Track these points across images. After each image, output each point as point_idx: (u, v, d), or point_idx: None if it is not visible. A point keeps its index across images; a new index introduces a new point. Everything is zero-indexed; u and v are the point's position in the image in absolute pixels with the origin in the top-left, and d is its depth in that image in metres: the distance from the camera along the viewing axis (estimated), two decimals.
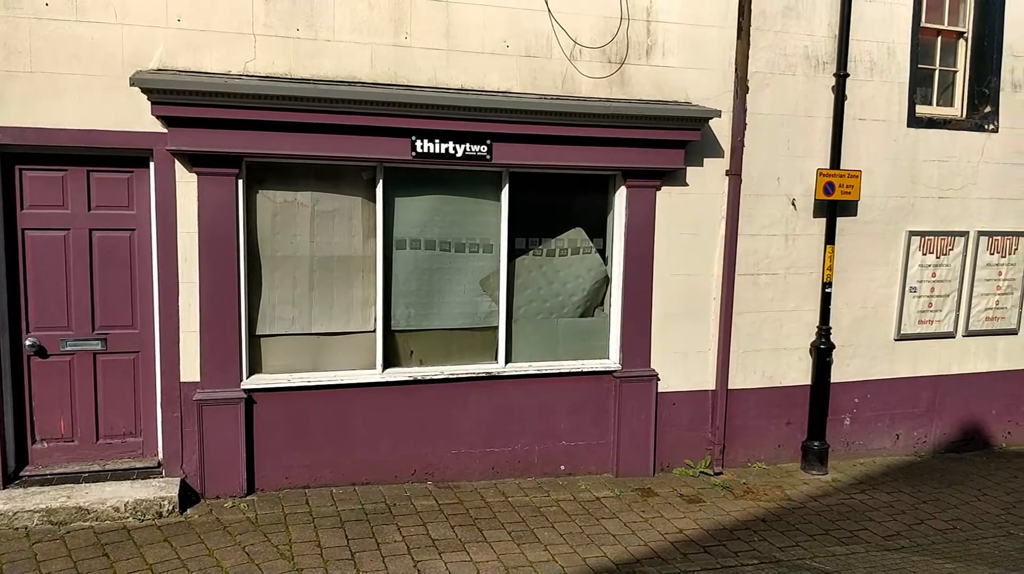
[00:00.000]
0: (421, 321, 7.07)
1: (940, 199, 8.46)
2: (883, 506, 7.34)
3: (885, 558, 6.24)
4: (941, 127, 8.42)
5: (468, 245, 7.13)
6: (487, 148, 6.72)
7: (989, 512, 7.33)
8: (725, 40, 7.47)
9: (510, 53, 6.90)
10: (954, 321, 8.72)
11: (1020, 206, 8.83)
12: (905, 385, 8.65)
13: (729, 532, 6.57)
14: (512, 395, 7.27)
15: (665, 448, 7.79)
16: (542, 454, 7.44)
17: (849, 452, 8.54)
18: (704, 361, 7.85)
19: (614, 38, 7.13)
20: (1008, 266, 8.85)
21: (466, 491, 7.04)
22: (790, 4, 7.64)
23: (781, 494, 7.50)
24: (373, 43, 6.59)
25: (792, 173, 7.89)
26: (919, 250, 8.44)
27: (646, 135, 7.06)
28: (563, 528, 6.43)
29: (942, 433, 8.94)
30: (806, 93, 7.81)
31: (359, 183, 6.80)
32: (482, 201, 7.12)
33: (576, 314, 7.59)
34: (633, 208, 7.39)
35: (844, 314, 8.27)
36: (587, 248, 7.56)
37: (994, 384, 9.03)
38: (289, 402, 6.72)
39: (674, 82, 7.37)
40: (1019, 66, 8.60)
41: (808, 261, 8.06)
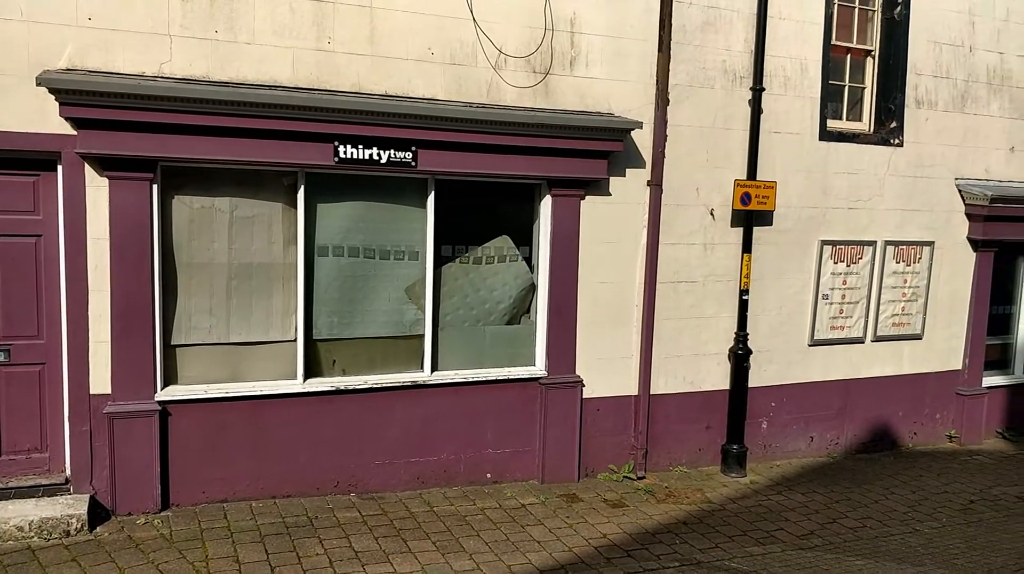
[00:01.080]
0: (344, 330, 6.97)
1: (850, 210, 8.83)
2: (798, 506, 7.58)
3: (800, 557, 6.45)
4: (851, 141, 8.79)
5: (393, 252, 7.07)
6: (412, 155, 6.69)
7: (896, 510, 7.66)
8: (647, 53, 7.64)
9: (435, 60, 6.89)
10: (863, 327, 9.10)
11: (924, 217, 9.29)
12: (818, 389, 8.97)
13: (651, 535, 6.68)
14: (438, 404, 7.23)
15: (590, 454, 7.88)
16: (468, 463, 7.41)
17: (766, 454, 8.80)
18: (627, 367, 7.97)
19: (538, 48, 7.20)
20: (913, 274, 9.30)
21: (390, 502, 6.96)
22: (709, 19, 7.86)
23: (702, 497, 7.67)
24: (295, 47, 6.48)
25: (711, 184, 8.10)
26: (831, 259, 8.78)
27: (570, 145, 7.15)
28: (489, 536, 6.42)
29: (853, 435, 9.30)
30: (724, 106, 8.05)
31: (280, 189, 6.67)
32: (408, 208, 7.07)
33: (503, 322, 7.61)
34: (559, 217, 7.46)
35: (761, 320, 8.53)
36: (514, 256, 7.59)
37: (900, 387, 9.45)
38: (206, 414, 6.52)
39: (597, 93, 7.48)
40: (922, 84, 9.06)
41: (726, 269, 8.29)
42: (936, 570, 6.25)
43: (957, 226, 9.49)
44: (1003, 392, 10.18)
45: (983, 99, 9.45)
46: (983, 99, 9.45)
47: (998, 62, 9.48)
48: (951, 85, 9.23)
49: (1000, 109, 9.58)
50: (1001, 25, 9.42)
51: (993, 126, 9.56)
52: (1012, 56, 9.56)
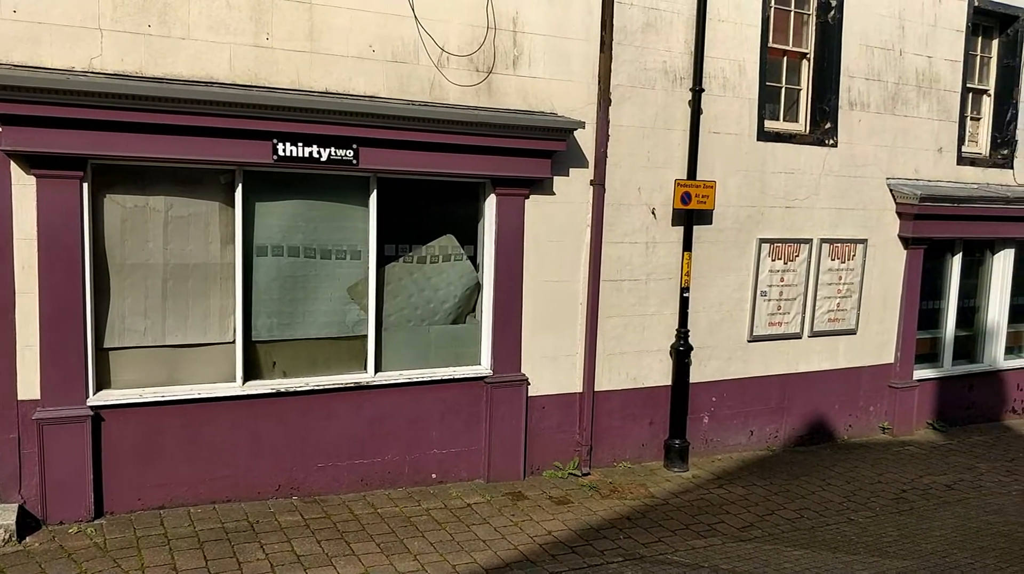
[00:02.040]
0: (285, 331, 6.86)
1: (787, 208, 9.04)
2: (739, 499, 7.74)
3: (740, 549, 6.58)
4: (787, 141, 9.00)
5: (335, 251, 6.98)
6: (353, 153, 6.61)
7: (832, 500, 7.88)
8: (589, 53, 7.69)
9: (377, 58, 6.82)
10: (800, 323, 9.34)
11: (857, 216, 9.56)
12: (758, 384, 9.17)
13: (596, 531, 6.74)
14: (382, 405, 7.17)
15: (535, 451, 7.91)
16: (413, 463, 7.37)
17: (708, 449, 8.96)
18: (572, 365, 8.03)
19: (481, 47, 7.19)
20: (847, 271, 9.57)
21: (334, 504, 6.88)
22: (650, 20, 7.96)
23: (645, 492, 7.76)
24: (232, 43, 6.34)
25: (652, 183, 8.21)
26: (769, 256, 8.98)
27: (514, 144, 7.16)
28: (433, 537, 6.40)
29: (791, 428, 9.54)
30: (665, 106, 8.16)
31: (217, 187, 6.53)
32: (349, 207, 6.99)
33: (448, 321, 7.58)
34: (503, 216, 7.47)
35: (701, 317, 8.68)
36: (458, 255, 7.57)
37: (836, 381, 9.73)
38: (142, 419, 6.34)
39: (540, 93, 7.51)
40: (855, 86, 9.32)
41: (668, 267, 8.41)
42: (869, 558, 6.45)
43: (889, 224, 9.80)
44: (933, 384, 10.55)
45: (913, 101, 9.78)
46: (913, 101, 9.78)
47: (927, 65, 9.82)
48: (882, 87, 9.52)
49: (929, 111, 9.92)
50: (929, 30, 9.76)
51: (922, 127, 9.90)
52: (940, 60, 9.90)
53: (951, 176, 10.22)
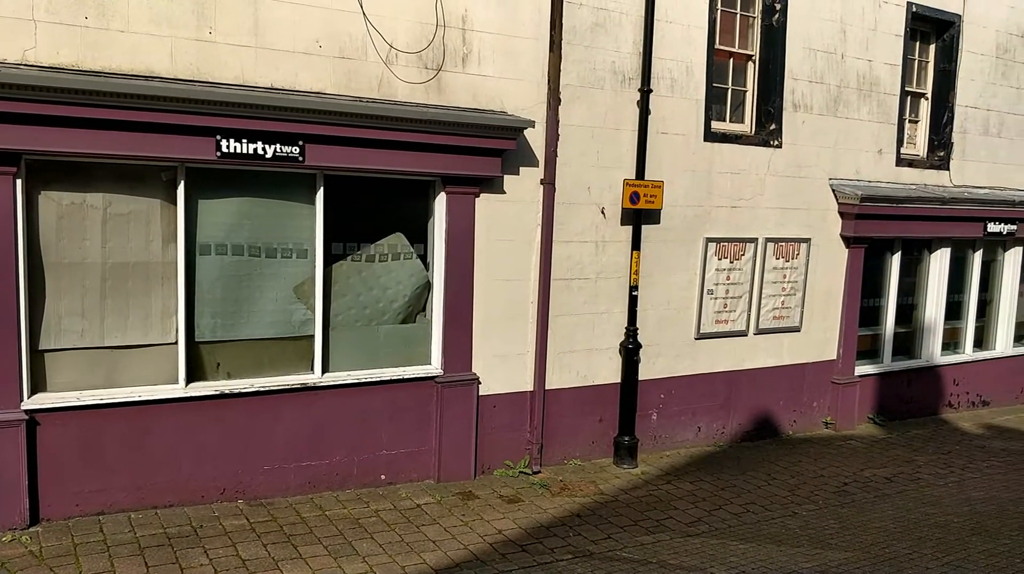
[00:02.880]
0: (229, 331, 6.72)
1: (733, 208, 9.19)
2: (686, 495, 7.84)
3: (688, 544, 6.67)
4: (733, 142, 9.15)
5: (281, 250, 6.87)
6: (299, 150, 6.51)
7: (777, 494, 8.03)
8: (539, 52, 7.70)
9: (323, 54, 6.73)
10: (746, 320, 9.50)
11: (801, 215, 9.77)
12: (705, 381, 9.30)
13: (546, 529, 6.76)
14: (330, 406, 7.08)
15: (486, 450, 7.90)
16: (362, 465, 7.29)
17: (657, 445, 9.06)
18: (523, 363, 8.03)
19: (430, 44, 7.15)
20: (792, 269, 9.77)
21: (280, 507, 6.77)
22: (599, 20, 8.00)
23: (595, 489, 7.82)
24: (174, 36, 6.19)
25: (602, 183, 8.26)
26: (715, 255, 9.12)
27: (464, 142, 7.14)
28: (383, 538, 6.34)
29: (738, 424, 9.70)
30: (614, 107, 8.21)
31: (158, 184, 6.36)
32: (296, 204, 6.88)
33: (397, 320, 7.52)
34: (453, 214, 7.43)
35: (650, 316, 8.77)
36: (408, 254, 7.52)
37: (781, 378, 9.92)
38: (80, 422, 6.15)
39: (490, 91, 7.49)
40: (798, 88, 9.52)
41: (617, 266, 8.47)
42: (812, 551, 6.60)
43: (831, 224, 10.03)
44: (874, 380, 10.84)
45: (854, 104, 10.02)
46: (854, 104, 10.02)
47: (867, 69, 10.07)
48: (825, 90, 9.74)
49: (869, 113, 10.19)
50: (870, 34, 10.02)
51: (863, 129, 10.15)
52: (880, 64, 10.17)
53: (890, 177, 10.51)
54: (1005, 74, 11.56)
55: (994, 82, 11.45)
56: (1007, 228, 11.53)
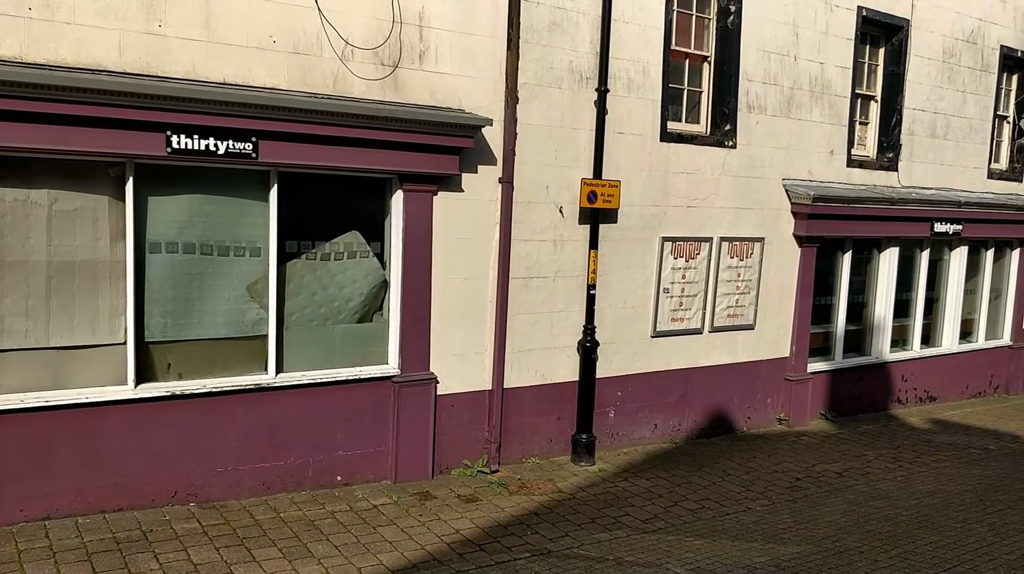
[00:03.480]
0: (180, 331, 6.58)
1: (689, 208, 9.29)
2: (643, 491, 7.90)
3: (644, 540, 6.72)
4: (689, 142, 9.24)
5: (233, 248, 6.75)
6: (252, 146, 6.40)
7: (732, 490, 8.14)
8: (496, 51, 7.68)
9: (278, 49, 6.63)
10: (701, 318, 9.61)
11: (755, 215, 9.91)
12: (661, 378, 9.39)
13: (504, 528, 6.76)
14: (284, 407, 6.98)
15: (444, 450, 7.86)
16: (317, 466, 7.20)
17: (614, 442, 9.11)
18: (481, 362, 8.02)
19: (387, 41, 7.08)
20: (746, 268, 9.91)
21: (233, 510, 6.65)
22: (556, 20, 8.01)
23: (553, 487, 7.84)
24: (122, 29, 6.03)
25: (560, 182, 8.28)
26: (671, 254, 9.20)
27: (421, 140, 7.09)
28: (339, 540, 6.27)
29: (693, 421, 9.81)
30: (571, 106, 8.23)
31: (106, 181, 6.20)
32: (249, 202, 6.77)
33: (353, 320, 7.44)
34: (411, 212, 7.38)
35: (607, 314, 8.82)
36: (364, 252, 7.44)
37: (735, 375, 10.06)
38: (24, 425, 5.97)
39: (448, 88, 7.46)
40: (753, 89, 9.66)
41: (575, 265, 8.50)
42: (766, 545, 6.70)
43: (785, 223, 10.20)
44: (826, 377, 11.05)
45: (806, 105, 10.20)
46: (806, 105, 10.20)
47: (819, 71, 10.26)
48: (778, 91, 9.89)
49: (821, 115, 10.38)
50: (822, 37, 10.20)
51: (815, 131, 10.34)
52: (831, 66, 10.37)
53: (842, 178, 10.73)
54: (951, 78, 11.88)
55: (941, 86, 11.75)
56: (953, 228, 11.86)
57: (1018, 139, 13.27)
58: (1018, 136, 13.26)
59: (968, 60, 12.06)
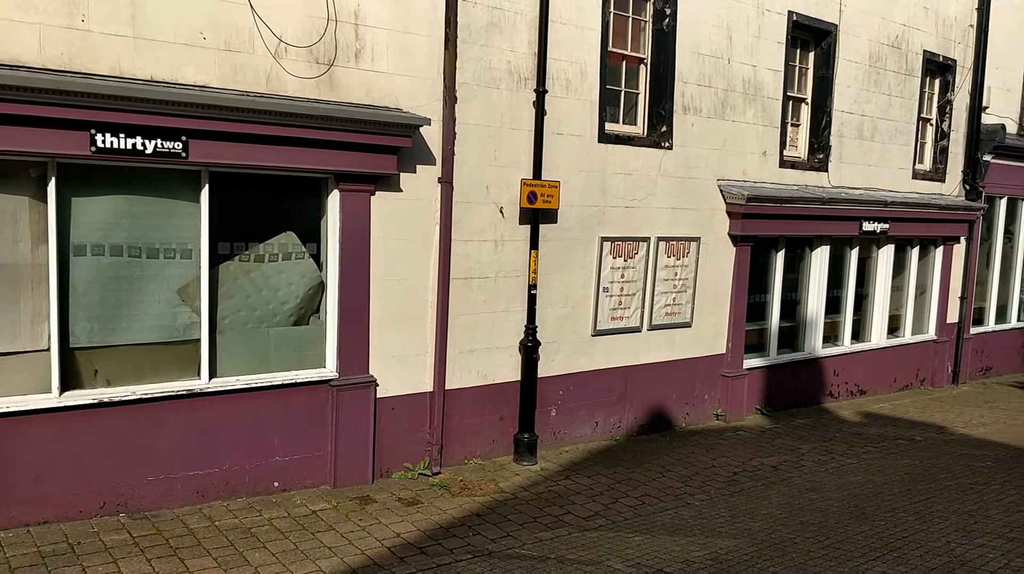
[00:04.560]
0: (107, 336, 6.37)
1: (627, 208, 9.39)
2: (584, 489, 7.96)
3: (585, 538, 6.76)
4: (626, 143, 9.34)
5: (163, 250, 6.56)
6: (182, 145, 6.23)
7: (671, 486, 8.26)
8: (434, 50, 7.64)
9: (208, 46, 6.46)
10: (640, 317, 9.73)
11: (691, 215, 10.08)
12: (602, 376, 9.47)
13: (445, 530, 6.72)
14: (218, 413, 6.81)
15: (384, 453, 7.79)
16: (254, 472, 7.05)
17: (556, 441, 9.16)
18: (422, 364, 7.96)
19: (321, 39, 6.98)
20: (682, 267, 10.07)
21: (166, 520, 6.46)
22: (494, 20, 8.01)
23: (495, 487, 7.83)
24: (42, 23, 5.81)
25: (500, 182, 8.28)
26: (610, 254, 9.29)
27: (357, 139, 7.01)
28: (276, 547, 6.15)
29: (634, 418, 9.93)
30: (511, 106, 8.24)
31: (26, 181, 5.96)
32: (179, 202, 6.59)
33: (289, 322, 7.31)
34: (348, 212, 7.29)
35: (548, 313, 8.85)
36: (300, 253, 7.32)
37: (673, 372, 10.22)
38: None
39: (384, 87, 7.38)
40: (688, 91, 9.82)
41: (516, 265, 8.51)
42: (704, 539, 6.81)
43: (720, 223, 10.40)
44: (761, 372, 11.31)
45: (740, 107, 10.42)
46: (740, 107, 10.42)
47: (752, 74, 10.49)
48: (713, 93, 10.08)
49: (754, 117, 10.61)
50: (754, 40, 10.43)
51: (749, 132, 10.57)
52: (764, 69, 10.61)
53: (774, 178, 10.99)
54: (877, 82, 12.28)
55: (868, 89, 12.14)
56: (880, 227, 12.26)
57: (940, 141, 13.80)
58: (940, 138, 13.79)
59: (893, 64, 12.49)
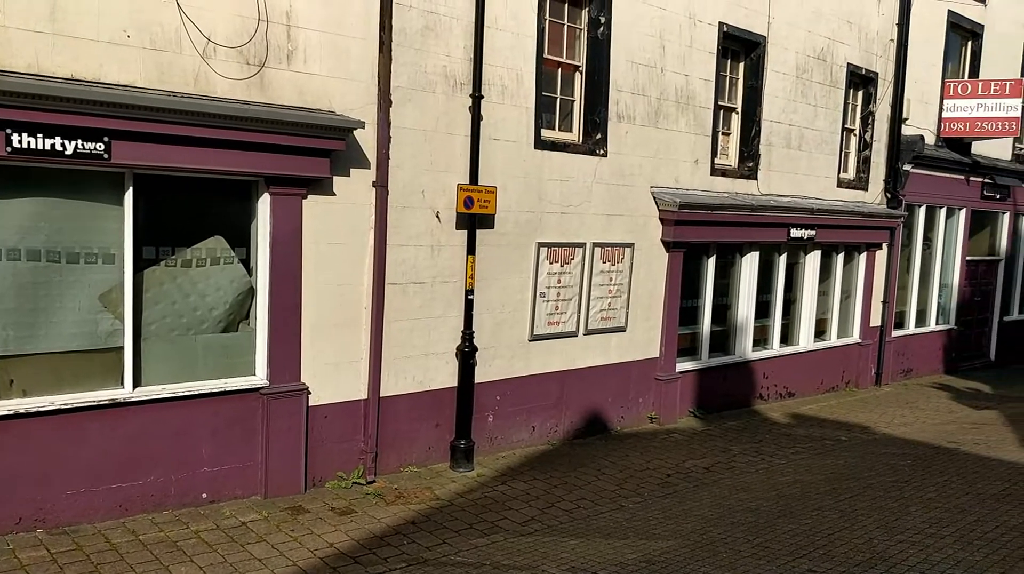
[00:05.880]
0: (23, 344, 6.10)
1: (563, 214, 9.46)
2: (521, 494, 7.97)
3: (520, 543, 6.77)
4: (562, 150, 9.42)
5: (84, 255, 6.32)
6: (105, 147, 6.02)
7: (606, 489, 8.33)
8: (368, 53, 7.57)
9: (132, 44, 6.26)
10: (576, 322, 9.81)
11: (626, 221, 10.21)
12: (539, 381, 9.51)
13: (380, 539, 6.64)
14: (143, 423, 6.59)
15: (317, 462, 7.65)
16: (180, 484, 6.84)
17: (493, 447, 9.15)
18: (356, 371, 7.86)
19: (252, 39, 6.83)
20: (617, 273, 10.19)
21: (87, 535, 6.22)
22: (429, 24, 7.98)
23: (431, 495, 7.77)
24: None
25: (436, 187, 8.24)
26: (547, 259, 9.34)
27: (288, 141, 6.88)
28: (203, 560, 5.98)
29: (570, 422, 9.99)
30: (446, 111, 8.22)
31: None
32: (102, 205, 6.36)
33: (218, 329, 7.12)
34: (279, 216, 7.15)
35: (486, 319, 8.85)
36: (229, 258, 7.15)
37: (609, 376, 10.32)
38: None
39: (318, 90, 7.27)
40: (622, 99, 9.95)
41: (453, 270, 8.48)
42: (638, 542, 6.89)
43: (653, 229, 10.56)
44: (693, 376, 11.52)
45: (673, 116, 10.61)
46: (673, 116, 10.61)
47: (685, 83, 10.70)
48: (647, 102, 10.24)
49: (687, 125, 10.82)
50: (687, 50, 10.65)
51: (681, 140, 10.78)
52: (696, 79, 10.84)
53: (706, 186, 11.22)
54: (804, 92, 12.67)
55: (795, 99, 12.52)
56: (807, 234, 12.64)
57: (863, 151, 14.31)
58: (863, 148, 14.30)
59: (819, 76, 12.90)
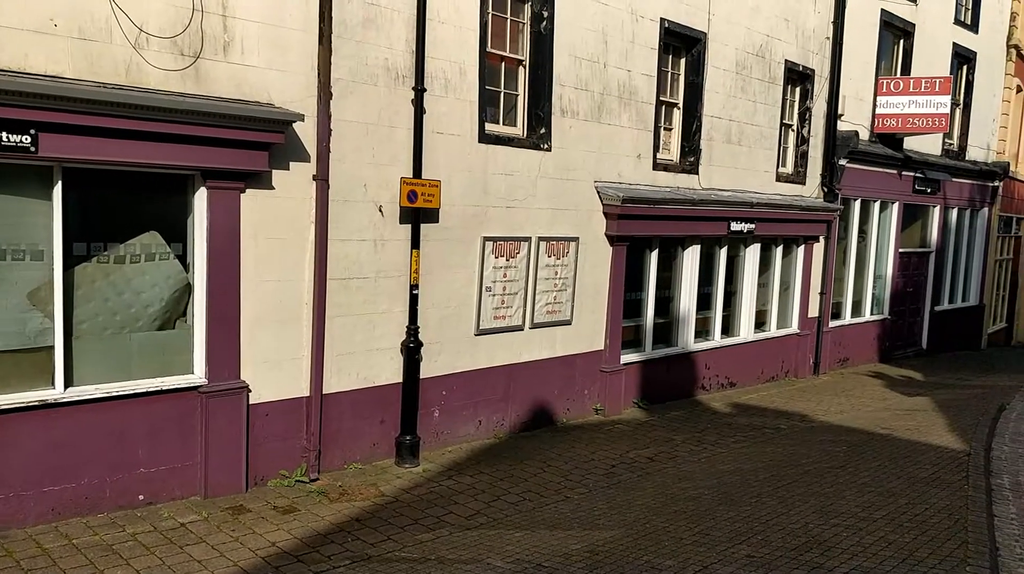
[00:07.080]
0: None
1: (508, 208, 9.47)
2: (467, 489, 7.97)
3: (466, 537, 6.77)
4: (507, 144, 9.42)
5: (11, 252, 6.09)
6: (31, 139, 5.80)
7: (552, 481, 8.39)
8: (308, 45, 7.44)
9: (60, 33, 6.05)
10: (522, 316, 9.84)
11: (570, 215, 10.27)
12: (485, 375, 9.51)
13: (323, 537, 6.57)
14: (75, 424, 6.39)
15: (259, 461, 7.52)
16: (116, 486, 6.66)
17: (439, 442, 9.13)
18: (298, 368, 7.75)
19: (186, 30, 6.66)
20: (563, 266, 10.25)
21: (17, 540, 6.01)
22: (370, 16, 7.89)
23: (376, 492, 7.72)
24: None
25: (379, 180, 8.16)
26: (492, 254, 9.34)
27: (225, 134, 6.74)
28: (140, 563, 5.84)
29: (516, 415, 10.02)
30: (388, 104, 8.14)
31: None
32: (28, 200, 6.14)
33: (154, 327, 6.95)
34: (216, 211, 7.00)
35: (431, 314, 8.81)
36: (164, 254, 6.97)
37: (554, 369, 10.39)
38: None
39: (255, 82, 7.13)
40: (566, 94, 9.99)
41: (397, 265, 8.42)
42: (582, 532, 6.95)
43: (597, 223, 10.65)
44: (637, 367, 11.67)
45: (616, 111, 10.70)
46: (616, 111, 10.70)
47: (627, 78, 10.80)
48: (590, 97, 10.31)
49: (629, 120, 10.93)
50: (629, 46, 10.74)
51: (624, 135, 10.88)
52: (638, 74, 10.95)
53: (648, 180, 11.35)
54: (744, 88, 12.91)
55: (735, 95, 12.74)
56: (747, 227, 12.89)
57: (801, 146, 14.65)
58: (801, 143, 14.65)
59: (758, 72, 13.16)
